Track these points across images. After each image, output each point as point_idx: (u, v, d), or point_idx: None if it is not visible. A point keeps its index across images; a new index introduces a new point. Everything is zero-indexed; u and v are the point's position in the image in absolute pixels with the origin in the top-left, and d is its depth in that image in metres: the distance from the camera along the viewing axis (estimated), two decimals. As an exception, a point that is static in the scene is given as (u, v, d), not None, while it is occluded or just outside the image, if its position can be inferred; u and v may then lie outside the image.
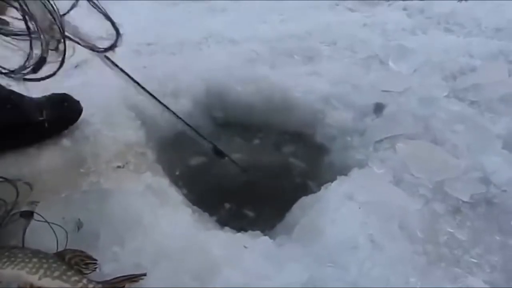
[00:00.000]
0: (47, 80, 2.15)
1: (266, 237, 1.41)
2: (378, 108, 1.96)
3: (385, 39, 2.52)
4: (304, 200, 1.64)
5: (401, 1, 2.97)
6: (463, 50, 2.34)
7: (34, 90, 1.86)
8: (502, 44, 2.36)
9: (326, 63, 2.33)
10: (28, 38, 1.16)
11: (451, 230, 1.43)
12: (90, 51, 1.91)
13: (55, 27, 1.20)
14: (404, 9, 2.87)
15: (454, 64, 2.22)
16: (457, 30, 2.61)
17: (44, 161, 1.68)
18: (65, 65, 2.29)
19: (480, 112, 1.91)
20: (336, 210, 1.44)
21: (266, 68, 2.28)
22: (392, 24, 2.66)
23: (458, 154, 1.69)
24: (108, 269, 1.24)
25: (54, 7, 1.19)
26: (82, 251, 1.24)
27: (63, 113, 1.79)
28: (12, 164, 1.65)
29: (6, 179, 1.53)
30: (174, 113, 1.78)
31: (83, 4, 1.36)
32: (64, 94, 1.83)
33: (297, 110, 2.08)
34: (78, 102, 1.83)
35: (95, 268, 1.22)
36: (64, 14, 1.27)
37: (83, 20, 1.39)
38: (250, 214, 1.81)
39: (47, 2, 1.16)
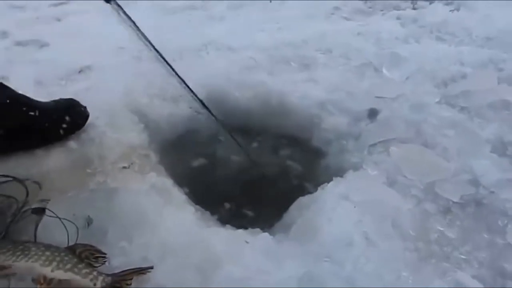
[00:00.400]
0: (53, 84, 2.22)
1: (266, 234, 1.46)
2: (372, 114, 2.03)
3: (379, 48, 2.58)
4: (301, 200, 1.69)
5: (395, 11, 3.04)
6: (454, 58, 2.41)
7: (40, 94, 1.93)
8: (492, 52, 2.43)
9: (322, 71, 2.40)
10: None
11: (442, 229, 1.48)
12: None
13: None
14: (398, 18, 2.94)
15: (446, 72, 2.29)
16: (449, 39, 2.68)
17: (52, 162, 1.73)
18: (68, 70, 2.37)
19: (470, 118, 1.97)
20: (332, 209, 1.50)
21: (264, 74, 2.34)
22: (386, 33, 2.73)
23: (449, 157, 1.75)
24: (117, 263, 1.30)
25: None
26: (92, 246, 1.29)
27: (70, 118, 1.84)
28: (21, 165, 1.70)
29: (15, 178, 1.59)
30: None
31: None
32: (71, 99, 1.89)
33: (294, 115, 2.13)
34: (85, 107, 1.89)
35: (105, 261, 1.27)
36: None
37: None
38: (250, 213, 1.85)
39: None
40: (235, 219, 1.73)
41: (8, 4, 3.31)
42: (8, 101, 1.68)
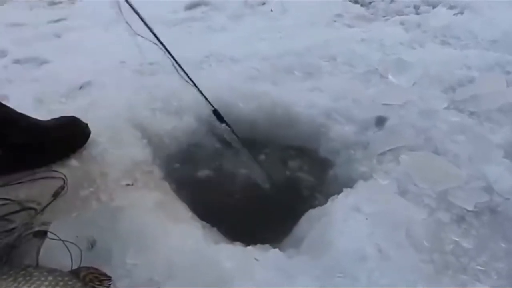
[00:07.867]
0: (53, 102, 2.20)
1: (277, 250, 1.43)
2: (380, 121, 1.99)
3: (384, 54, 2.54)
4: (312, 213, 1.66)
5: (398, 16, 3.01)
6: (460, 62, 2.37)
7: (41, 112, 1.91)
8: (498, 55, 2.39)
9: (327, 79, 2.36)
10: None
11: (457, 239, 1.45)
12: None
13: None
14: (401, 23, 2.90)
15: (453, 76, 2.25)
16: (454, 43, 2.64)
17: (53, 182, 1.69)
18: (69, 87, 2.34)
19: (479, 123, 1.93)
20: (344, 221, 1.46)
21: (268, 84, 2.31)
22: (390, 38, 2.69)
23: (460, 164, 1.72)
24: (122, 285, 1.27)
25: None
26: (96, 268, 1.26)
27: (71, 136, 1.81)
28: (22, 186, 1.66)
29: (16, 202, 1.56)
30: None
31: None
32: (73, 117, 1.86)
33: (300, 125, 2.10)
34: (86, 125, 1.86)
35: (109, 284, 1.24)
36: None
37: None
38: (258, 228, 1.82)
39: None
40: (243, 234, 1.69)
41: (7, 23, 3.28)
42: (6, 120, 1.64)
